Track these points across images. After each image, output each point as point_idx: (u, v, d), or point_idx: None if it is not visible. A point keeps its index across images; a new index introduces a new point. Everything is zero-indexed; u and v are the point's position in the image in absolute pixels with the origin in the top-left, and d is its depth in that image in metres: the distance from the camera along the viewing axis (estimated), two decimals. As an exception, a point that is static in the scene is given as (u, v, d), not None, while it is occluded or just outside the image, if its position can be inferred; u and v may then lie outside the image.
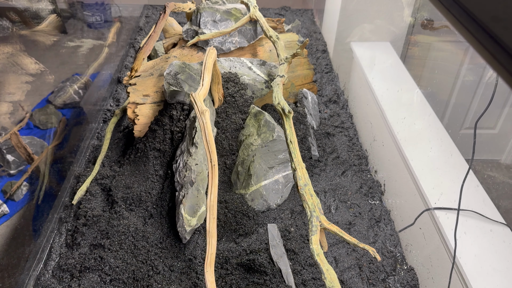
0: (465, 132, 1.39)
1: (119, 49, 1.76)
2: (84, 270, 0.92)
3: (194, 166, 1.01)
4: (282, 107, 0.93)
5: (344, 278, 0.96)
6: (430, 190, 0.97)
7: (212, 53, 1.09)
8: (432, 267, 0.93)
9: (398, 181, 1.11)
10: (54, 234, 1.01)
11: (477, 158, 1.04)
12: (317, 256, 0.69)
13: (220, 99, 1.17)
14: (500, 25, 0.34)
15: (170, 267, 0.94)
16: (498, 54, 0.34)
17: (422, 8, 1.43)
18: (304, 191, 0.78)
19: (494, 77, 1.02)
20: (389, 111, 1.20)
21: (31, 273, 0.92)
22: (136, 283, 0.91)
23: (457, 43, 1.37)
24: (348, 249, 1.02)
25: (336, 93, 1.52)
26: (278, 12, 2.09)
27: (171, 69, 1.13)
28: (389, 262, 1.00)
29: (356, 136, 1.36)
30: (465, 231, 0.88)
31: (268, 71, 1.27)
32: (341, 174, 1.22)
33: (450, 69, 1.40)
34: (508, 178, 1.26)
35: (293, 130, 0.89)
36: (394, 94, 1.27)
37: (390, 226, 1.09)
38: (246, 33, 1.33)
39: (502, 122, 1.37)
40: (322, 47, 1.75)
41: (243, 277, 0.93)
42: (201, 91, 0.96)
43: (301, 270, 0.95)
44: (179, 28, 1.47)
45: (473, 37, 0.37)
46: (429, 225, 0.95)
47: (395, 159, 1.12)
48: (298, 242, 1.01)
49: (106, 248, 0.95)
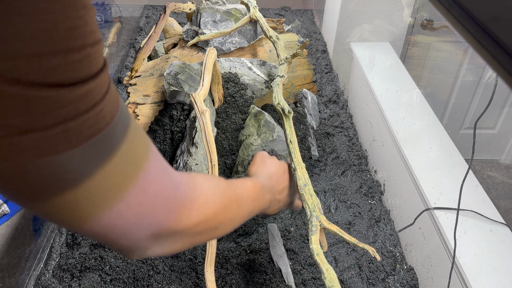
0: (464, 132, 1.39)
1: (119, 49, 1.76)
2: (85, 269, 0.92)
3: (194, 166, 1.01)
4: (282, 107, 0.93)
5: (344, 277, 0.96)
6: (429, 190, 0.97)
7: (212, 53, 1.09)
8: (432, 267, 0.94)
9: (397, 181, 1.12)
10: (54, 233, 1.01)
11: (477, 158, 1.04)
12: (317, 256, 0.69)
13: (220, 99, 1.17)
14: (500, 25, 0.34)
15: (171, 266, 0.94)
16: (497, 54, 0.34)
17: (421, 8, 1.43)
18: (304, 191, 0.78)
19: (494, 77, 1.02)
20: (389, 111, 1.20)
21: (31, 273, 0.92)
22: (137, 283, 0.91)
23: (457, 43, 1.37)
24: (348, 249, 1.02)
25: (336, 93, 1.53)
26: (278, 12, 2.09)
27: (171, 69, 1.13)
28: (389, 262, 1.01)
29: (356, 136, 1.37)
30: (464, 231, 0.88)
31: (268, 71, 1.27)
32: (341, 174, 1.23)
33: (450, 69, 1.40)
34: (508, 178, 1.26)
35: (293, 130, 0.89)
36: (394, 94, 1.27)
37: (389, 226, 1.09)
38: (246, 33, 1.33)
39: (501, 122, 1.37)
40: (322, 47, 1.75)
41: (243, 276, 0.93)
42: (201, 91, 0.96)
43: (301, 269, 0.95)
44: (179, 29, 1.47)
45: (472, 37, 0.37)
46: (428, 225, 0.95)
47: (395, 159, 1.13)
48: (298, 242, 1.01)
49: (106, 248, 0.95)
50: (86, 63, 0.25)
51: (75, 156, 0.26)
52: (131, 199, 0.30)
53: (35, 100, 0.23)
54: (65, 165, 0.26)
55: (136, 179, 0.30)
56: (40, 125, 0.24)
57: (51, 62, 0.23)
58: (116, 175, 0.29)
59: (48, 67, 0.23)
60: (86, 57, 0.25)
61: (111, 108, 0.28)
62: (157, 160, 0.33)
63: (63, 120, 0.24)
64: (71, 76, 0.24)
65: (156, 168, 0.32)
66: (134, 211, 0.31)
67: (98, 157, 0.28)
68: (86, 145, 0.26)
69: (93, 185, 0.28)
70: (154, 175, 0.32)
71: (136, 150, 0.31)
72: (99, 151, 0.28)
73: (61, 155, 0.25)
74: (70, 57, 0.24)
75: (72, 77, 0.24)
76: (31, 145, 0.24)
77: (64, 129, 0.25)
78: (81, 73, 0.25)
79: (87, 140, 0.26)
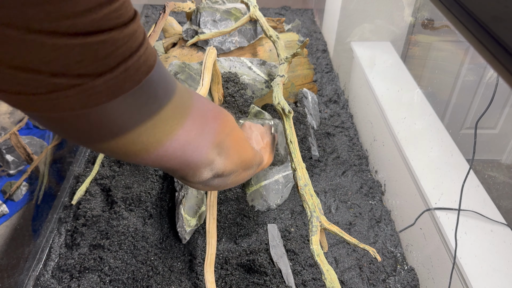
0: (465, 132, 1.39)
1: (119, 49, 1.75)
2: (84, 270, 0.92)
3: (194, 166, 1.00)
4: (282, 107, 0.92)
5: (344, 278, 0.96)
6: (430, 190, 0.96)
7: (212, 52, 1.09)
8: (433, 267, 0.93)
9: (398, 181, 1.11)
10: (53, 234, 1.01)
11: (478, 158, 1.03)
12: (317, 257, 0.69)
13: (220, 99, 1.17)
14: (501, 25, 0.34)
15: (170, 267, 0.94)
16: (498, 54, 0.34)
17: (422, 8, 1.42)
18: (304, 191, 0.78)
19: (495, 77, 1.01)
20: (390, 111, 1.20)
21: (30, 274, 0.92)
22: (136, 284, 0.90)
23: (458, 43, 1.37)
24: (349, 249, 1.02)
25: (336, 93, 1.52)
26: (278, 11, 2.09)
27: (171, 68, 1.13)
28: (390, 263, 1.00)
29: (356, 136, 1.36)
30: (465, 231, 0.88)
31: (268, 71, 1.27)
32: (341, 174, 1.22)
33: (451, 69, 1.39)
34: (509, 178, 1.26)
35: (293, 130, 0.88)
36: (395, 94, 1.27)
37: (390, 227, 1.09)
38: (246, 32, 1.33)
39: (502, 122, 1.37)
40: (322, 46, 1.75)
41: (243, 277, 0.93)
42: (201, 90, 0.96)
43: (301, 270, 0.95)
44: (179, 28, 1.46)
45: (473, 37, 0.37)
46: (429, 225, 0.95)
47: (396, 159, 1.12)
48: (298, 242, 1.01)
49: (105, 248, 0.95)
50: (124, 9, 0.29)
51: (140, 94, 0.31)
52: (194, 116, 0.39)
53: (95, 46, 0.27)
54: (134, 103, 0.31)
55: (192, 105, 0.39)
56: (105, 68, 0.28)
57: (99, 13, 0.27)
58: (180, 105, 0.37)
59: (98, 17, 0.27)
60: (123, 4, 0.29)
61: (151, 49, 0.33)
62: (196, 93, 0.42)
63: (122, 60, 0.29)
64: (117, 22, 0.28)
65: (198, 96, 0.42)
66: (196, 124, 0.39)
67: (166, 92, 0.34)
68: (147, 81, 0.31)
69: (164, 115, 0.34)
70: (199, 99, 0.42)
71: (186, 89, 0.40)
72: (160, 90, 0.34)
73: (129, 94, 0.30)
74: (113, 6, 0.28)
75: (118, 22, 0.28)
76: (104, 87, 0.28)
77: (126, 67, 0.29)
78: (124, 18, 0.29)
79: (145, 75, 0.31)
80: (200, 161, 0.41)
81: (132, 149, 0.35)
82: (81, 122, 0.30)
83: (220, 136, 0.43)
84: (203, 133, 0.41)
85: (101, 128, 0.31)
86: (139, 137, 0.34)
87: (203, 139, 0.41)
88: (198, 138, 0.40)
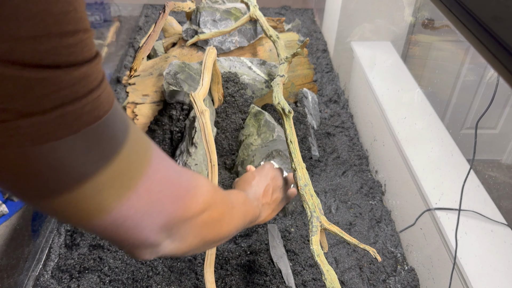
0: (466, 132, 1.39)
1: (119, 48, 1.76)
2: (83, 270, 0.92)
3: (194, 166, 1.00)
4: (282, 107, 0.92)
5: (344, 278, 0.95)
6: (431, 190, 0.96)
7: (212, 52, 1.09)
8: (433, 268, 0.93)
9: (398, 181, 1.11)
10: (53, 234, 1.01)
11: (478, 158, 1.03)
12: (317, 257, 0.68)
13: (220, 99, 1.17)
14: (501, 25, 0.34)
15: (170, 267, 0.94)
16: (499, 54, 0.34)
17: (422, 8, 1.42)
18: (304, 191, 0.78)
19: (495, 77, 1.01)
20: (390, 111, 1.20)
21: (30, 274, 0.92)
22: (136, 284, 0.90)
23: (458, 42, 1.37)
24: (349, 249, 1.02)
25: (336, 92, 1.52)
26: (278, 11, 2.08)
27: (171, 68, 1.12)
28: (390, 263, 1.00)
29: (356, 136, 1.36)
30: (466, 231, 0.88)
31: (268, 71, 1.27)
32: (342, 174, 1.22)
33: (451, 68, 1.39)
34: (509, 178, 1.26)
35: (293, 130, 0.88)
36: (395, 94, 1.26)
37: (390, 227, 1.09)
38: (246, 32, 1.33)
39: (503, 122, 1.37)
40: (323, 46, 1.74)
41: (243, 278, 0.93)
42: (201, 90, 0.96)
43: (301, 270, 0.95)
44: (178, 28, 1.46)
45: (474, 37, 0.37)
46: (429, 226, 0.95)
47: (396, 159, 1.12)
48: (299, 242, 1.01)
49: (105, 248, 0.95)
50: (80, 48, 0.25)
51: (78, 144, 0.26)
52: (141, 190, 0.31)
53: (33, 81, 0.23)
54: (69, 155, 0.26)
55: (145, 171, 0.32)
56: (38, 108, 0.24)
57: (46, 44, 0.23)
58: (125, 168, 0.30)
59: (44, 49, 0.23)
60: (80, 42, 0.25)
61: (107, 97, 0.28)
62: (160, 154, 0.35)
63: (61, 104, 0.24)
64: (66, 60, 0.24)
65: (161, 159, 0.34)
66: (144, 201, 0.32)
67: (107, 149, 0.28)
68: (88, 132, 0.26)
69: (104, 178, 0.28)
70: (161, 166, 0.34)
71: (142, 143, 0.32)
72: (105, 143, 0.28)
73: (62, 142, 0.25)
74: (64, 40, 0.24)
75: (68, 60, 0.24)
76: (30, 130, 0.24)
77: (63, 113, 0.25)
78: (76, 57, 0.25)
79: (86, 125, 0.26)
80: (139, 242, 0.34)
81: (63, 215, 0.29)
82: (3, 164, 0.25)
83: (176, 220, 0.36)
84: (148, 213, 0.33)
85: (28, 182, 0.26)
86: (73, 201, 0.28)
87: (147, 220, 0.33)
88: (141, 217, 0.32)
